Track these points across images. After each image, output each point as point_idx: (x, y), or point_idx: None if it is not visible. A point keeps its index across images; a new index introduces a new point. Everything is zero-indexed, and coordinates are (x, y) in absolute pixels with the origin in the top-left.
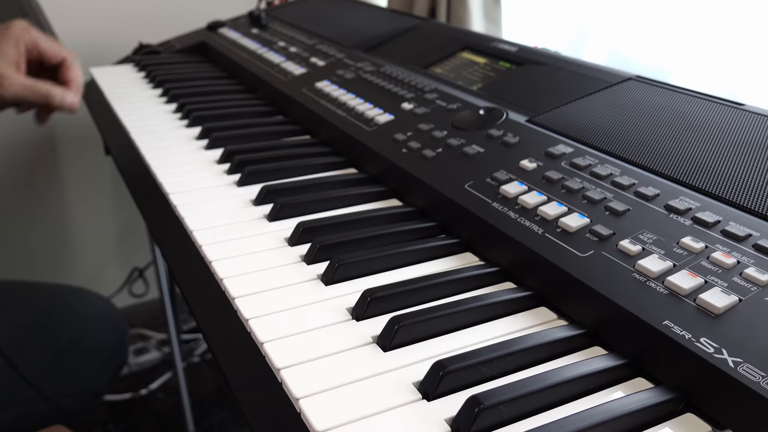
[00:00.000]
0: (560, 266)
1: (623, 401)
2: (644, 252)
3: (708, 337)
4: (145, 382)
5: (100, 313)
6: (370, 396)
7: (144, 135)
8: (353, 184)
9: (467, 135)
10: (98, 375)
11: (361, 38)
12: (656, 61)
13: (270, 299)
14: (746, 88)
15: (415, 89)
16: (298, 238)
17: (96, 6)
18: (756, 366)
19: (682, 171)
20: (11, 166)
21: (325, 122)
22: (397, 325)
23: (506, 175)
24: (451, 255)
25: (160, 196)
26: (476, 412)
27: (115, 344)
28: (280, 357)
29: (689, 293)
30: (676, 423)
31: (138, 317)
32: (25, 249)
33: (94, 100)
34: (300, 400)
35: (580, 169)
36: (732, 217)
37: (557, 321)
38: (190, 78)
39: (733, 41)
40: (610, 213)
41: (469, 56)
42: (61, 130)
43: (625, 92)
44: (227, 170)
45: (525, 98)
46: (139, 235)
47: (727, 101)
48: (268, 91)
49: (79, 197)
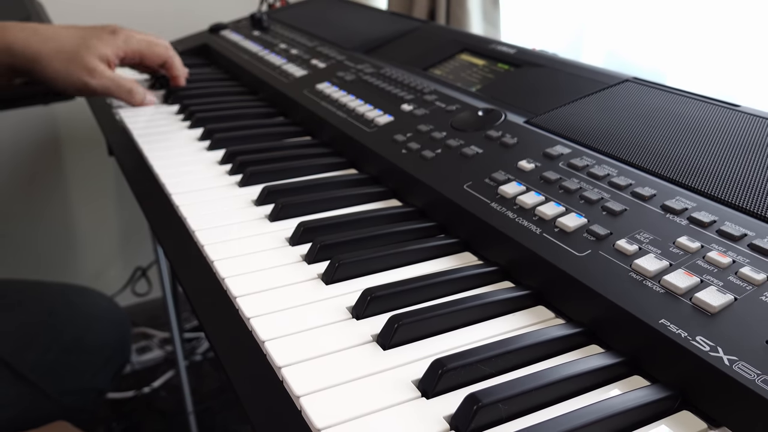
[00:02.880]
0: (558, 265)
1: (620, 399)
2: (641, 251)
3: (704, 335)
4: (147, 380)
5: (104, 312)
6: (370, 394)
7: (147, 136)
8: (353, 184)
9: (466, 136)
10: (101, 373)
11: (361, 40)
12: (653, 63)
13: (271, 298)
14: (742, 90)
15: (415, 91)
16: (299, 237)
17: (98, 8)
18: (751, 364)
19: (679, 171)
20: (16, 167)
21: (325, 123)
22: (397, 323)
23: (505, 175)
24: (450, 254)
25: (162, 196)
26: (475, 409)
27: (118, 343)
28: (280, 355)
29: (685, 292)
30: (672, 420)
31: (141, 316)
32: (30, 249)
33: (97, 102)
34: (301, 398)
35: (577, 169)
36: (727, 217)
37: (555, 320)
38: (193, 80)
39: (728, 43)
40: (607, 213)
41: (468, 58)
42: (65, 132)
43: (622, 94)
44: (229, 171)
45: (523, 100)
46: (142, 235)
47: (723, 102)
48: (270, 93)
49: (83, 198)
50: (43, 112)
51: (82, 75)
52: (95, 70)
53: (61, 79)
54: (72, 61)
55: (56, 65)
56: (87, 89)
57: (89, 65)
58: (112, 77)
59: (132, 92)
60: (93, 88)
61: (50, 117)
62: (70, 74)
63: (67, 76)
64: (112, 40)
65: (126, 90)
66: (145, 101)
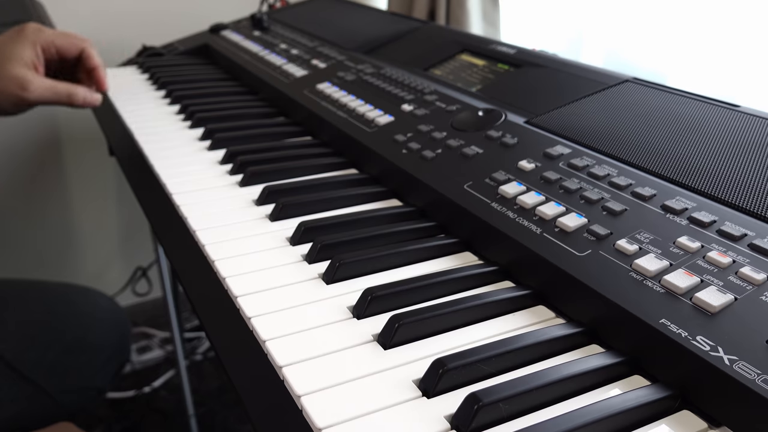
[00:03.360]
0: (558, 265)
1: (620, 398)
2: (641, 251)
3: (704, 335)
4: (148, 379)
5: (104, 311)
6: (371, 393)
7: (147, 136)
8: (354, 184)
9: (466, 136)
10: (101, 373)
11: (361, 41)
12: (653, 64)
13: (272, 298)
14: (742, 90)
15: (415, 91)
16: (300, 237)
17: (100, 9)
18: (751, 364)
19: (679, 171)
20: (17, 167)
21: (326, 123)
22: (398, 323)
23: (505, 175)
24: (450, 254)
25: (163, 196)
26: (476, 409)
27: (119, 342)
28: (281, 355)
29: (685, 292)
30: (672, 420)
31: (141, 316)
32: (30, 248)
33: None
34: (302, 398)
35: (577, 169)
36: (727, 216)
37: (555, 319)
38: (193, 80)
39: (728, 44)
40: (607, 213)
41: (468, 58)
42: (65, 132)
43: (622, 94)
44: (230, 171)
45: (523, 100)
46: (143, 235)
47: (723, 103)
48: (270, 93)
49: (84, 197)
50: (44, 113)
51: (15, 91)
52: (28, 82)
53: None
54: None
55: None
56: (24, 104)
57: (18, 77)
58: (47, 86)
59: (71, 95)
60: (31, 101)
61: (51, 117)
62: (1, 93)
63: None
64: (25, 39)
65: (65, 95)
66: (88, 100)
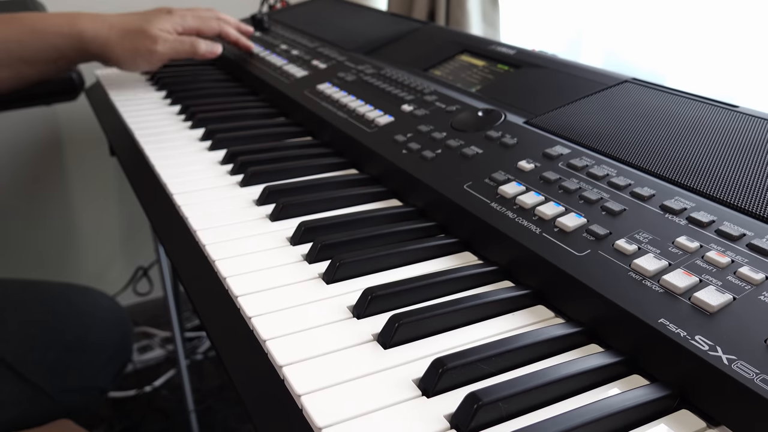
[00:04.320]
0: (557, 265)
1: (619, 398)
2: (640, 251)
3: (703, 335)
4: (149, 379)
5: (105, 311)
6: (371, 392)
7: (148, 136)
8: (354, 184)
9: (466, 136)
10: (103, 372)
11: (361, 41)
12: (652, 64)
13: (272, 297)
14: (740, 91)
15: (415, 91)
16: (300, 237)
17: (100, 9)
18: (750, 363)
19: (678, 172)
20: (18, 167)
21: (326, 124)
22: (397, 323)
23: (504, 175)
24: (450, 254)
25: (164, 196)
26: (475, 408)
27: (120, 342)
28: (282, 354)
29: (684, 292)
30: (671, 419)
31: (142, 315)
32: (31, 248)
33: (99, 102)
34: (302, 397)
35: (577, 169)
36: (726, 217)
37: (554, 319)
38: (194, 80)
39: (727, 45)
40: (606, 213)
41: (467, 59)
42: (66, 132)
43: (622, 94)
44: (230, 171)
45: (523, 100)
46: (144, 235)
47: (722, 103)
48: (271, 94)
49: (85, 197)
50: (45, 113)
51: (148, 44)
52: (159, 37)
53: (130, 56)
54: (137, 36)
55: (125, 44)
56: (155, 56)
57: (152, 35)
58: (174, 39)
59: (194, 45)
60: (161, 53)
61: (52, 117)
62: (137, 48)
63: (135, 51)
64: (169, 18)
65: (189, 44)
66: (213, 50)
